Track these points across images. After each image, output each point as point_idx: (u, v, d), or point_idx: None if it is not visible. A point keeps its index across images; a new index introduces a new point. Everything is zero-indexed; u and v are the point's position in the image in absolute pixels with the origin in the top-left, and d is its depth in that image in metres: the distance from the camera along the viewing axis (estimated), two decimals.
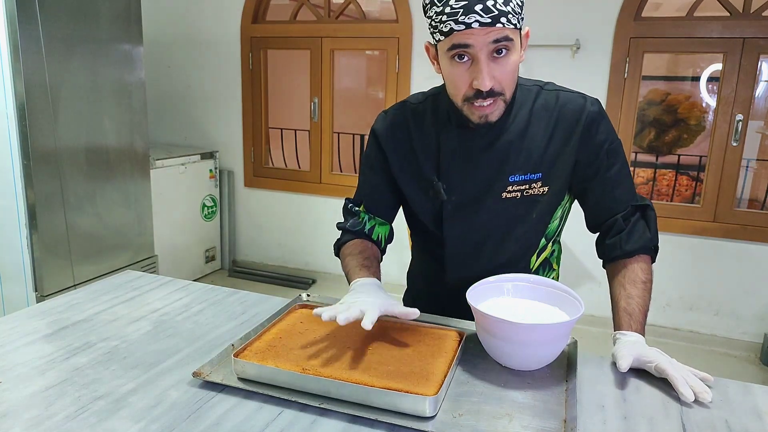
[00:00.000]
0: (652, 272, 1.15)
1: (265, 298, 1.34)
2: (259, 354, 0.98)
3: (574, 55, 3.04)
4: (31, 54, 2.34)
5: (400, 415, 0.85)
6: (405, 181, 1.22)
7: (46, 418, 0.84)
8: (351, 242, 1.26)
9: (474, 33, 0.96)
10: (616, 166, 1.14)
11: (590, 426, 0.86)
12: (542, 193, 1.14)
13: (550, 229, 1.21)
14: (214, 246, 4.00)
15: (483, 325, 1.01)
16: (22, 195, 2.43)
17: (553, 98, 1.14)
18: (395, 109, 1.24)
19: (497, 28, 0.96)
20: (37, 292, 2.52)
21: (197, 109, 4.00)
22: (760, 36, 2.78)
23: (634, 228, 1.14)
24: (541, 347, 0.98)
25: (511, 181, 1.13)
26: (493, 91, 1.02)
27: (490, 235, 1.18)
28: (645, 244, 1.13)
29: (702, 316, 3.13)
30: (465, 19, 0.95)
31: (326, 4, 3.58)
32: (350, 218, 1.28)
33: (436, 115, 1.18)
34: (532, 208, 1.15)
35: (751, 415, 0.91)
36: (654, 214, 1.16)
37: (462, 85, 1.03)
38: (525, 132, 1.12)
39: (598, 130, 1.12)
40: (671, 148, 4.22)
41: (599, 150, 1.13)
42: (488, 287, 1.11)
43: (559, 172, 1.13)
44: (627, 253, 1.13)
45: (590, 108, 1.12)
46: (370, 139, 1.25)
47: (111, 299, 1.30)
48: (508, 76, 1.02)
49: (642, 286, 1.11)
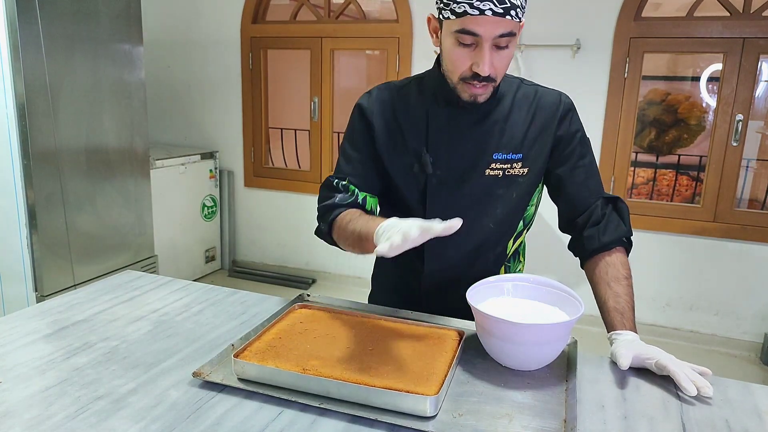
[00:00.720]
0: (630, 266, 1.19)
1: (265, 298, 1.34)
2: (259, 354, 0.98)
3: (574, 55, 3.04)
4: (31, 54, 2.34)
5: (400, 415, 0.85)
6: (390, 157, 1.22)
7: (46, 418, 0.84)
8: (345, 212, 1.18)
9: (485, 22, 1.01)
10: (588, 157, 1.23)
11: (590, 426, 0.86)
12: (522, 173, 1.19)
13: (528, 214, 1.26)
14: (214, 246, 4.00)
15: (483, 325, 1.01)
16: (22, 195, 2.43)
17: (531, 91, 1.22)
18: (379, 89, 1.26)
19: (506, 21, 1.01)
20: (37, 292, 2.52)
21: (197, 109, 4.00)
22: (760, 36, 2.78)
23: (609, 220, 1.19)
24: (540, 347, 0.98)
25: (494, 158, 1.18)
26: (489, 77, 1.07)
27: (470, 212, 1.19)
28: (621, 236, 1.19)
29: (702, 316, 3.13)
30: (480, 5, 0.99)
31: (326, 4, 3.58)
32: (337, 194, 1.21)
33: (422, 94, 1.22)
34: (512, 188, 1.20)
35: (751, 414, 0.91)
36: (626, 207, 1.22)
37: (461, 66, 1.08)
38: (508, 116, 1.19)
39: (572, 119, 1.21)
40: (671, 148, 4.22)
41: (573, 137, 1.21)
42: (488, 287, 1.11)
43: (537, 155, 1.19)
44: (605, 245, 1.18)
45: (565, 100, 1.22)
46: (355, 115, 1.25)
47: (111, 299, 1.30)
48: (503, 66, 1.09)
49: (625, 283, 1.15)
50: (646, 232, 3.14)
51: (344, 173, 1.23)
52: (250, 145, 3.89)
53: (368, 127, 1.23)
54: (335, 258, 3.82)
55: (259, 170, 3.92)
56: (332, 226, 1.19)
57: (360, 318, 1.15)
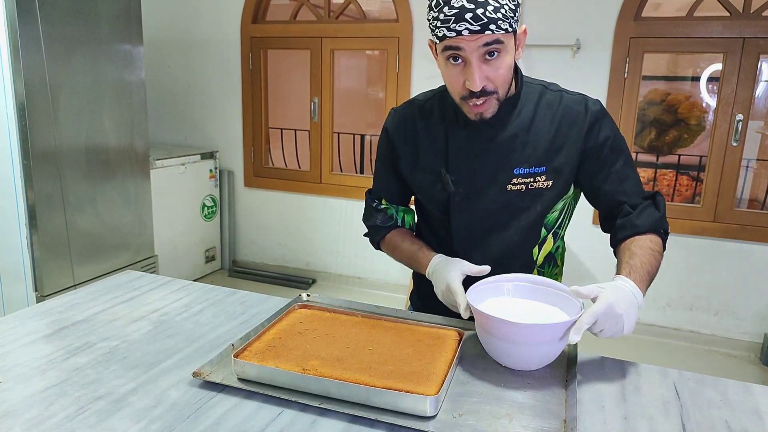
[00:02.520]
0: (663, 250, 1.16)
1: (265, 298, 1.34)
2: (259, 354, 0.98)
3: (574, 55, 3.04)
4: (31, 54, 2.34)
5: (400, 415, 0.85)
6: (412, 174, 1.27)
7: (46, 418, 0.84)
8: (391, 234, 1.34)
9: (464, 38, 1.01)
10: (620, 161, 1.18)
11: (590, 426, 0.86)
12: (546, 186, 1.18)
13: (549, 219, 1.23)
14: (214, 246, 4.00)
15: (483, 325, 1.01)
16: (22, 195, 2.43)
17: (557, 98, 1.18)
18: (403, 107, 1.30)
19: (486, 35, 1.00)
20: (37, 292, 2.52)
21: (197, 109, 4.00)
22: (760, 36, 2.78)
23: (643, 210, 1.17)
24: (540, 347, 0.98)
25: (516, 173, 1.17)
26: (485, 91, 1.06)
27: (495, 225, 1.22)
28: (654, 224, 1.16)
29: (702, 316, 3.13)
30: (456, 26, 1.00)
31: (326, 4, 3.58)
32: (378, 215, 1.35)
33: (443, 112, 1.22)
34: (536, 201, 1.19)
35: (751, 415, 0.91)
36: (663, 200, 1.20)
37: (457, 85, 1.08)
38: (530, 127, 1.17)
39: (602, 127, 1.17)
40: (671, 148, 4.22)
41: (603, 146, 1.17)
42: (488, 287, 1.11)
43: (562, 167, 1.17)
44: (637, 229, 1.15)
45: (593, 107, 1.17)
46: (382, 135, 1.32)
47: (111, 299, 1.30)
48: (500, 77, 1.07)
49: (649, 252, 1.11)
50: None
51: (378, 189, 1.36)
52: (250, 145, 3.89)
53: (392, 147, 1.29)
54: (335, 258, 3.82)
55: (259, 170, 3.92)
56: (380, 244, 1.38)
57: (360, 318, 1.15)
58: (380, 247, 1.38)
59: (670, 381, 1.00)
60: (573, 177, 1.20)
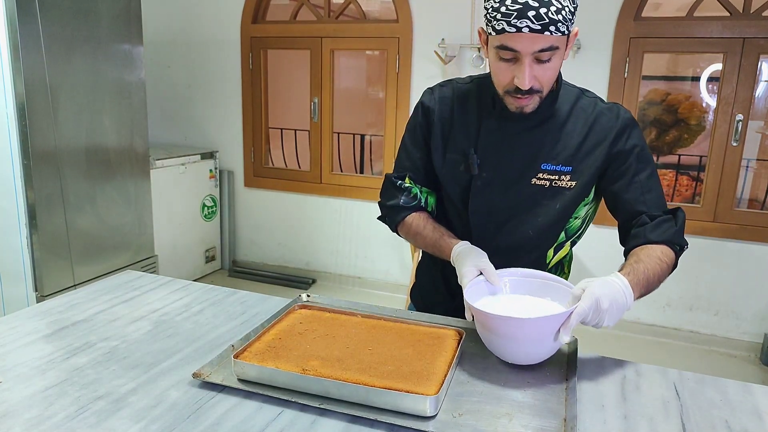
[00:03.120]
0: (674, 263, 1.15)
1: (265, 298, 1.34)
2: (259, 355, 0.98)
3: (574, 54, 3.03)
4: (31, 54, 2.34)
5: (400, 415, 0.85)
6: (439, 153, 1.26)
7: (46, 418, 0.84)
8: (412, 216, 1.29)
9: (522, 39, 1.01)
10: (646, 172, 1.18)
11: (590, 426, 0.86)
12: (570, 186, 1.18)
13: (572, 226, 1.24)
14: (214, 246, 4.00)
15: (483, 323, 1.01)
16: (22, 195, 2.42)
17: (591, 104, 1.20)
18: (441, 85, 1.30)
19: (545, 36, 1.00)
20: (37, 292, 2.52)
21: (197, 109, 4.00)
22: (760, 36, 2.78)
23: (661, 223, 1.15)
24: (542, 341, 0.97)
25: (542, 168, 1.18)
26: (531, 90, 1.08)
27: (512, 217, 1.22)
28: (670, 237, 1.14)
29: (702, 316, 3.13)
30: (517, 23, 0.99)
31: (326, 4, 3.58)
32: (401, 194, 1.30)
33: (479, 98, 1.23)
34: (557, 200, 1.19)
35: (751, 415, 0.91)
36: (684, 216, 1.18)
37: (504, 80, 1.09)
38: (563, 126, 1.18)
39: (631, 135, 1.18)
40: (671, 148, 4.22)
41: (630, 154, 1.18)
42: (484, 285, 1.10)
43: (588, 170, 1.18)
44: (649, 240, 1.14)
45: (624, 115, 1.19)
46: (417, 111, 1.30)
47: (111, 299, 1.30)
48: (548, 78, 1.09)
49: (656, 260, 1.10)
50: None
51: (405, 169, 1.31)
52: (250, 145, 3.89)
53: (428, 123, 1.27)
54: (335, 258, 3.82)
55: (259, 170, 3.92)
56: (398, 226, 1.32)
57: (360, 318, 1.15)
58: (398, 229, 1.33)
59: (670, 381, 1.00)
60: (595, 180, 1.20)
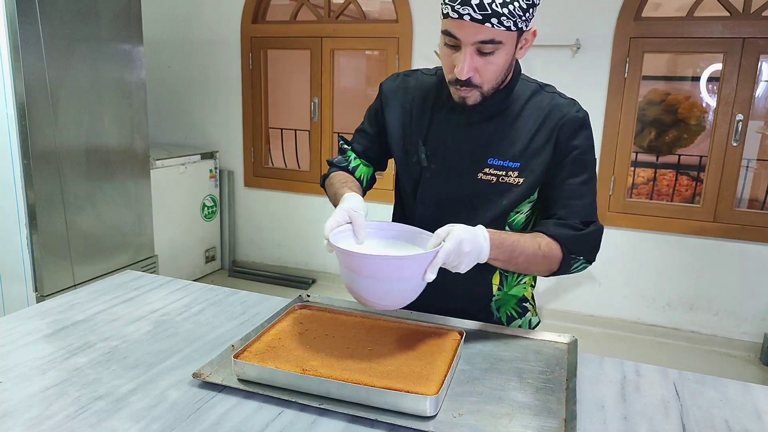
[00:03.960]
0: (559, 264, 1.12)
1: (265, 298, 1.34)
2: (259, 355, 0.98)
3: (574, 55, 3.04)
4: (31, 54, 2.34)
5: (400, 415, 0.85)
6: (396, 141, 1.26)
7: (46, 418, 0.84)
8: (335, 172, 1.33)
9: (464, 26, 0.99)
10: (580, 177, 1.14)
11: (590, 426, 0.86)
12: (517, 183, 1.16)
13: (516, 221, 1.20)
14: (214, 246, 4.00)
15: (343, 261, 0.99)
16: (22, 195, 2.42)
17: (547, 100, 1.16)
18: (406, 74, 1.30)
19: (486, 28, 0.98)
20: (37, 292, 2.52)
21: (197, 109, 4.00)
22: (760, 36, 2.78)
23: (567, 225, 1.13)
24: (399, 282, 0.96)
25: (489, 163, 1.15)
26: (470, 82, 1.05)
27: (460, 211, 1.19)
28: (565, 237, 1.11)
29: (702, 316, 3.13)
30: (459, 9, 0.98)
31: (326, 4, 3.58)
32: (340, 155, 1.37)
33: (439, 90, 1.22)
34: (504, 196, 1.17)
35: (751, 415, 0.91)
36: (595, 229, 1.14)
37: (448, 66, 1.08)
38: (515, 122, 1.16)
39: (574, 136, 1.13)
40: (671, 148, 4.22)
41: (568, 154, 1.13)
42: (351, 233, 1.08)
43: (535, 168, 1.15)
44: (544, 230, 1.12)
45: (574, 113, 1.14)
46: (378, 93, 1.31)
47: (111, 299, 1.30)
48: (489, 72, 1.05)
49: (535, 243, 1.09)
50: (646, 232, 3.14)
51: (354, 138, 1.37)
52: (250, 145, 3.89)
53: (381, 109, 1.28)
54: (335, 258, 3.81)
55: (259, 170, 3.92)
56: (324, 180, 1.36)
57: (360, 318, 1.15)
58: (323, 183, 1.36)
59: (670, 381, 1.00)
60: (542, 180, 1.16)
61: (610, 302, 3.24)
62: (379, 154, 1.35)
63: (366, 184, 1.36)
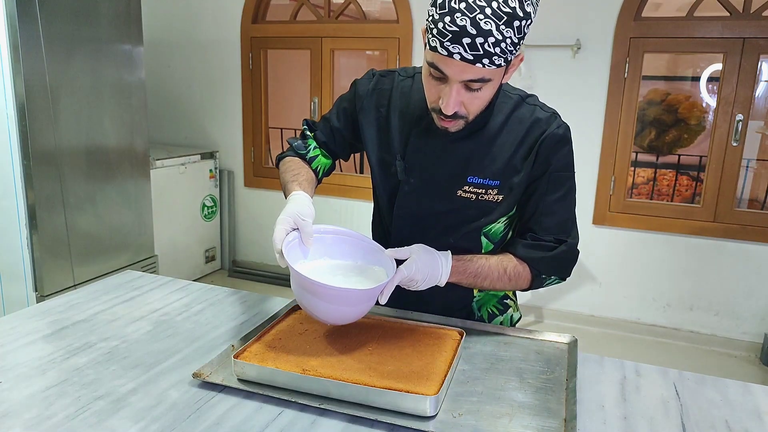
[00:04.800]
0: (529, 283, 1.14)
1: (265, 298, 1.34)
2: (259, 355, 0.98)
3: (574, 55, 3.03)
4: (31, 54, 2.34)
5: (400, 415, 0.85)
6: (372, 151, 1.23)
7: (46, 418, 0.84)
8: (291, 158, 1.31)
9: (453, 64, 0.94)
10: (555, 195, 1.12)
11: (590, 426, 0.86)
12: (497, 200, 1.13)
13: (494, 230, 1.19)
14: (214, 246, 4.00)
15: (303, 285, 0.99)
16: (22, 195, 2.42)
17: (528, 113, 1.12)
18: (382, 75, 1.24)
19: (476, 68, 0.93)
20: (37, 292, 2.52)
21: (197, 109, 4.00)
22: (760, 36, 2.78)
23: (539, 245, 1.12)
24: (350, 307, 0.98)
25: (468, 181, 1.13)
26: (456, 115, 1.02)
27: (436, 226, 1.18)
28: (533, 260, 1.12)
29: (702, 316, 3.13)
30: (449, 47, 0.92)
31: (326, 4, 3.58)
32: (300, 140, 1.33)
33: (417, 99, 1.17)
34: (483, 213, 1.15)
35: (751, 415, 0.91)
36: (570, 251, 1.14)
37: (431, 97, 1.03)
38: (495, 139, 1.12)
39: (553, 153, 1.11)
40: (671, 148, 4.22)
41: (544, 172, 1.11)
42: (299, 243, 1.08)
43: (515, 185, 1.12)
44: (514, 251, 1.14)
45: (554, 129, 1.10)
46: (352, 89, 1.27)
47: (111, 299, 1.30)
48: (476, 106, 1.02)
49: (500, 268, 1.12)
50: (646, 232, 3.14)
51: (319, 125, 1.32)
52: (250, 145, 3.89)
53: (354, 110, 1.24)
54: None
55: (259, 170, 3.92)
56: (280, 161, 1.33)
57: (360, 318, 1.15)
58: (278, 163, 1.33)
59: (670, 381, 1.00)
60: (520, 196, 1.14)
61: (610, 302, 3.24)
62: (341, 148, 1.31)
63: (322, 174, 1.33)
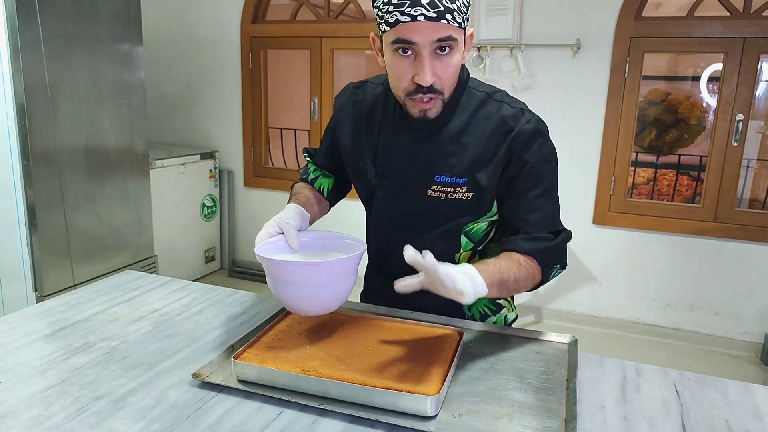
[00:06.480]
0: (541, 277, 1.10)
1: (265, 298, 1.34)
2: (259, 356, 0.98)
3: (574, 54, 3.03)
4: (31, 54, 2.34)
5: (400, 415, 0.85)
6: (349, 158, 1.26)
7: (46, 418, 0.84)
8: (297, 184, 1.37)
9: (419, 28, 0.96)
10: (535, 190, 1.10)
11: (590, 426, 0.86)
12: (467, 198, 1.13)
13: (475, 229, 1.18)
14: (214, 246, 4.00)
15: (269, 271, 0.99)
16: (22, 195, 2.42)
17: (494, 110, 1.12)
18: (356, 86, 1.28)
19: (442, 25, 0.96)
20: (37, 292, 2.52)
21: (197, 109, 4.00)
22: (760, 36, 2.78)
23: (537, 238, 1.09)
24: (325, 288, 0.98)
25: (436, 180, 1.13)
26: (433, 88, 1.02)
27: (413, 228, 1.19)
28: (538, 251, 1.08)
29: (702, 316, 3.13)
30: (411, 11, 0.95)
31: (326, 4, 3.58)
32: (304, 167, 1.41)
33: (385, 103, 1.20)
34: (457, 212, 1.15)
35: (751, 415, 0.91)
36: (565, 235, 1.12)
37: (404, 79, 1.03)
38: (459, 137, 1.12)
39: (526, 149, 1.09)
40: (672, 148, 4.22)
41: (521, 170, 1.10)
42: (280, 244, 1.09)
43: (484, 182, 1.11)
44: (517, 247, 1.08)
45: (523, 126, 1.09)
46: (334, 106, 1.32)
47: (111, 299, 1.30)
48: (449, 75, 1.03)
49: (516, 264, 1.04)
50: (646, 232, 3.14)
51: (317, 152, 1.39)
52: (250, 145, 3.89)
53: (335, 125, 1.29)
54: None
55: (259, 170, 3.92)
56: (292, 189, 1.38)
57: (360, 318, 1.15)
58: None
59: (670, 381, 1.00)
60: (495, 194, 1.13)
61: (610, 302, 3.24)
62: (336, 167, 1.34)
63: (329, 193, 1.35)
